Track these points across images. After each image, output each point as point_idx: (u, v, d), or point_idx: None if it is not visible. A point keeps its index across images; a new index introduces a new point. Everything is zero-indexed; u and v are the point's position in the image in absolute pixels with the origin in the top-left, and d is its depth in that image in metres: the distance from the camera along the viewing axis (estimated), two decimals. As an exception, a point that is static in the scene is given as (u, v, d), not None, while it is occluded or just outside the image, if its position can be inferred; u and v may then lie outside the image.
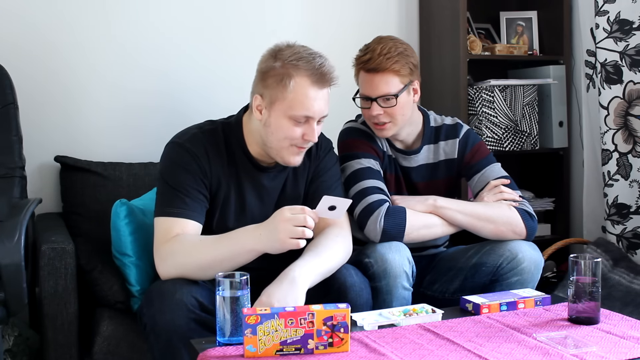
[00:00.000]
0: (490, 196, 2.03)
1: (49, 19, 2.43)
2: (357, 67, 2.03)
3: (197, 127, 1.87)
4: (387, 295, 1.85)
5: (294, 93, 1.73)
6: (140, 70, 2.55)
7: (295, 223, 1.59)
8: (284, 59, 1.74)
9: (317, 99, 1.75)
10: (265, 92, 1.76)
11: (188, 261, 1.67)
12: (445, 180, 2.17)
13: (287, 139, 1.76)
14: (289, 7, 2.75)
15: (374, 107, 1.98)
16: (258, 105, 1.78)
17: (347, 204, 1.65)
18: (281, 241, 1.60)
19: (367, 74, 1.98)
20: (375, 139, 2.10)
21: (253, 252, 1.67)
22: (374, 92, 1.98)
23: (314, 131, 1.77)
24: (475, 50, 2.82)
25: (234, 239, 1.68)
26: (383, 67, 1.95)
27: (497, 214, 1.97)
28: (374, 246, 1.90)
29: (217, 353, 1.42)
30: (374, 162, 2.04)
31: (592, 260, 1.59)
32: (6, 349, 2.04)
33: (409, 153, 2.13)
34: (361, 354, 1.43)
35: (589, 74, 2.78)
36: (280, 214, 1.61)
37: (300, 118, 1.75)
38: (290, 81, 1.72)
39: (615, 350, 1.44)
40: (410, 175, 2.13)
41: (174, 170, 1.78)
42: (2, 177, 2.12)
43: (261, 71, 1.78)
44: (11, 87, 2.20)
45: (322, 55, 1.78)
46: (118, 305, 2.04)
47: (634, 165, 2.63)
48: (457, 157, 2.14)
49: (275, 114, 1.75)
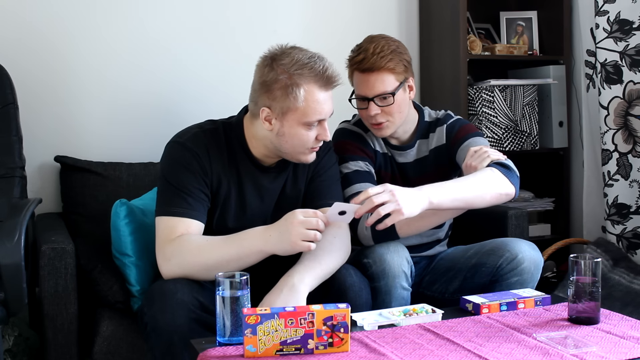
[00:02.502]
0: (477, 160, 1.92)
1: (49, 19, 2.43)
2: (350, 68, 2.02)
3: (197, 126, 1.87)
4: (386, 295, 1.85)
5: (305, 102, 1.74)
6: (141, 70, 2.55)
7: (308, 226, 1.61)
8: (286, 68, 1.73)
9: (326, 100, 1.77)
10: (274, 104, 1.75)
11: (194, 261, 1.67)
12: (436, 171, 2.11)
13: (304, 144, 1.79)
14: (289, 7, 2.75)
15: (371, 107, 1.98)
16: (267, 117, 1.78)
17: (355, 208, 1.67)
18: (293, 243, 1.62)
19: (362, 74, 1.98)
20: (365, 139, 2.09)
21: (261, 254, 1.67)
22: (370, 92, 1.97)
23: (327, 130, 1.81)
24: (475, 50, 2.82)
25: (242, 240, 1.68)
26: (378, 66, 1.94)
27: (485, 187, 1.85)
28: (372, 246, 1.90)
29: (217, 353, 1.42)
30: (362, 164, 2.03)
31: (592, 260, 1.59)
32: (6, 349, 2.04)
33: (404, 148, 2.12)
34: (361, 354, 1.43)
35: (589, 74, 2.78)
36: (293, 217, 1.62)
37: (314, 123, 1.77)
38: (299, 91, 1.73)
39: (615, 350, 1.44)
40: (406, 172, 2.13)
41: (176, 169, 1.78)
42: (2, 177, 2.12)
43: (264, 83, 1.76)
44: (11, 87, 2.20)
45: (321, 57, 1.78)
46: (118, 305, 2.04)
47: (634, 165, 2.63)
48: (445, 142, 2.11)
49: (288, 123, 1.76)
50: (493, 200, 1.86)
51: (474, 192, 1.82)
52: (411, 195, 1.70)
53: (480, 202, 1.85)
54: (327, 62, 1.78)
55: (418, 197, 1.72)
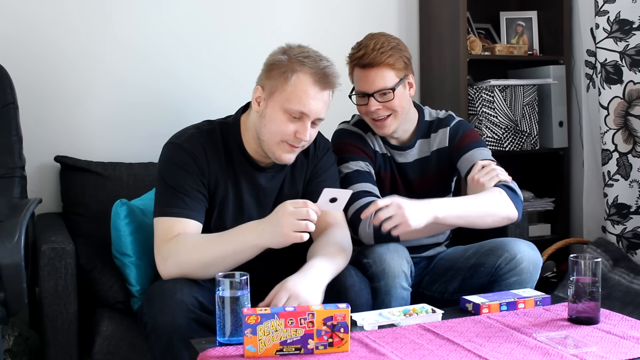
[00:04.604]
0: (485, 178, 1.96)
1: (50, 19, 2.43)
2: (351, 65, 2.03)
3: (194, 127, 1.87)
4: (386, 295, 1.85)
5: (293, 87, 1.74)
6: (141, 70, 2.55)
7: (298, 216, 1.60)
8: (292, 55, 1.77)
9: (316, 98, 1.76)
10: (267, 84, 1.78)
11: (190, 259, 1.67)
12: (437, 173, 2.14)
13: (279, 133, 1.77)
14: (289, 7, 2.75)
15: (371, 102, 1.98)
16: (258, 97, 1.80)
17: (348, 195, 1.66)
18: (285, 235, 1.61)
19: (362, 70, 1.99)
20: (365, 140, 2.09)
21: (256, 248, 1.67)
22: (370, 88, 1.98)
23: (307, 130, 1.77)
24: (475, 50, 2.82)
25: (236, 235, 1.68)
26: (378, 62, 1.95)
27: (491, 209, 1.89)
28: (372, 247, 1.90)
29: (217, 353, 1.42)
30: (362, 164, 2.03)
31: (592, 260, 1.59)
32: (6, 349, 2.04)
33: (404, 148, 2.12)
34: (361, 354, 1.43)
35: (589, 74, 2.78)
36: (283, 208, 1.62)
37: (295, 113, 1.75)
38: (292, 75, 1.74)
39: (615, 350, 1.44)
40: (406, 172, 2.13)
41: (173, 170, 1.78)
42: (2, 177, 2.12)
43: (267, 64, 1.81)
44: (11, 87, 2.20)
45: (330, 61, 1.80)
46: (118, 305, 2.04)
47: (634, 165, 2.63)
48: (447, 145, 2.12)
49: (271, 104, 1.77)
50: (495, 222, 1.92)
51: (479, 213, 1.88)
52: (418, 209, 1.75)
53: (483, 224, 1.90)
54: (334, 67, 1.79)
55: (425, 210, 1.76)
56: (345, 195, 1.65)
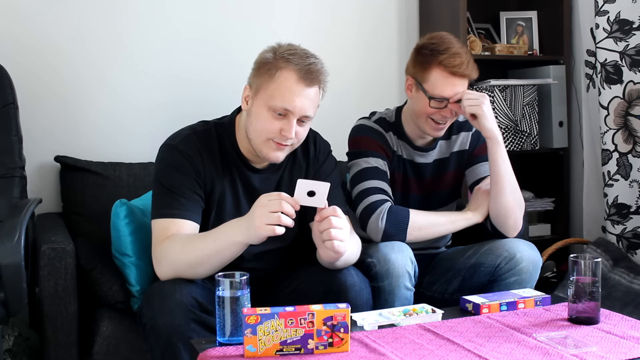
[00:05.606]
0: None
1: (50, 19, 2.43)
2: (437, 66, 1.97)
3: (190, 128, 1.86)
4: (390, 295, 1.85)
5: (277, 84, 1.72)
6: (141, 71, 2.55)
7: (271, 209, 1.55)
8: (279, 52, 1.76)
9: (301, 95, 1.73)
10: (254, 82, 1.78)
11: (179, 260, 1.66)
12: (453, 173, 2.17)
13: (264, 131, 1.75)
14: (289, 7, 2.75)
15: (450, 107, 2.00)
16: (246, 96, 1.80)
17: (326, 187, 1.59)
18: (257, 227, 1.56)
19: (452, 77, 1.97)
20: (387, 139, 2.10)
21: (238, 245, 1.64)
22: (454, 95, 1.99)
23: (292, 127, 1.74)
24: (475, 50, 2.82)
25: (218, 233, 1.67)
26: (468, 74, 1.99)
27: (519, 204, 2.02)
28: (376, 246, 1.90)
29: (217, 353, 1.42)
30: (381, 162, 2.03)
31: (592, 260, 1.59)
32: (6, 349, 2.04)
33: (427, 149, 2.13)
34: (361, 354, 1.43)
35: (589, 74, 2.78)
36: (257, 201, 1.60)
37: (279, 110, 1.72)
38: (277, 72, 1.73)
39: (615, 350, 1.44)
40: (422, 173, 2.14)
41: (168, 171, 1.77)
42: (2, 177, 2.12)
43: (256, 62, 1.80)
44: (11, 87, 2.20)
45: (317, 58, 1.78)
46: (118, 305, 2.04)
47: (634, 165, 2.63)
48: (468, 148, 2.15)
49: (257, 102, 1.76)
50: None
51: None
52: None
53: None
54: (321, 64, 1.77)
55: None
56: (323, 188, 1.58)
